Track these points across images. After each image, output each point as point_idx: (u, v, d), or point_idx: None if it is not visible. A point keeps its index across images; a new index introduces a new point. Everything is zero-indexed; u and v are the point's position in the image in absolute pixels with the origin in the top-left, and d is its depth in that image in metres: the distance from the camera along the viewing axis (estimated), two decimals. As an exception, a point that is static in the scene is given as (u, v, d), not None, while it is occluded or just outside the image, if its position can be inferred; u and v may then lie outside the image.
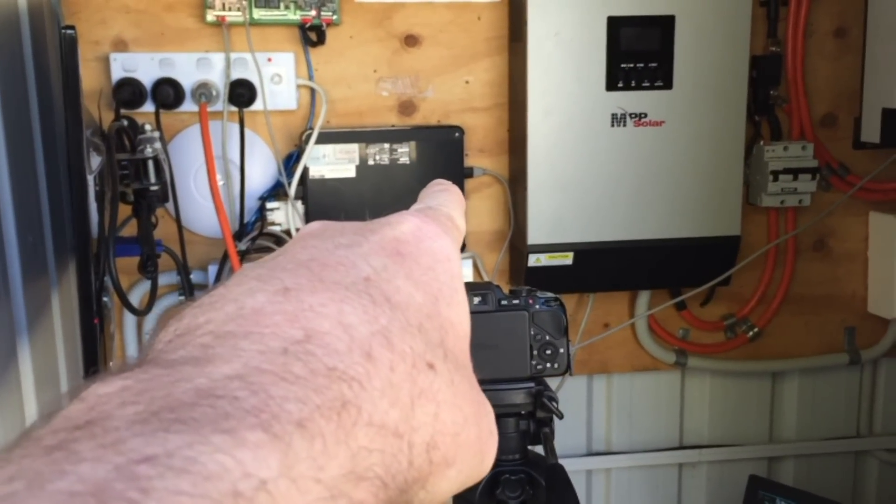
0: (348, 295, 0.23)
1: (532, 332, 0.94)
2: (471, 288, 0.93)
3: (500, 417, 0.98)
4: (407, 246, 0.26)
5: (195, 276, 1.44)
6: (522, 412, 0.97)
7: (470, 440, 0.24)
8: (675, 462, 1.75)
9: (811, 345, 1.71)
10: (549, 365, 0.95)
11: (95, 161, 0.96)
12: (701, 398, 1.74)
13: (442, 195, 0.32)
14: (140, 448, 0.17)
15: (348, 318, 0.22)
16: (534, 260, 1.47)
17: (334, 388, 0.20)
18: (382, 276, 0.24)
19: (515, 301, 0.94)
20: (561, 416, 0.93)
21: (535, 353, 0.94)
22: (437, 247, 0.27)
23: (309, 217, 1.43)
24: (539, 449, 0.99)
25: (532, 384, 0.95)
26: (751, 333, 1.68)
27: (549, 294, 0.97)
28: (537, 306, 0.95)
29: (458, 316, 0.27)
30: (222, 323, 0.21)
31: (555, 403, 0.92)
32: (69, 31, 0.80)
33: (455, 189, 0.33)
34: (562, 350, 0.95)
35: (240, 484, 0.17)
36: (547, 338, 0.94)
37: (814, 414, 1.76)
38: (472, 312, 1.00)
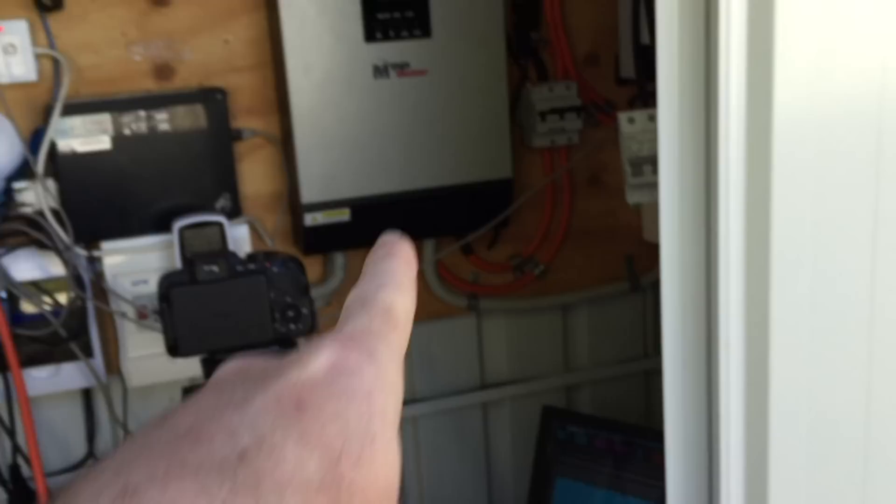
0: (207, 484, 0.20)
1: (272, 296, 0.93)
2: (203, 258, 0.91)
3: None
4: (311, 394, 0.23)
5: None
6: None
7: None
8: (479, 402, 1.80)
9: (595, 275, 1.79)
10: (292, 326, 0.94)
11: None
12: (497, 338, 1.79)
13: (386, 264, 0.29)
14: None
15: None
16: (310, 219, 1.45)
17: None
18: (264, 447, 0.22)
19: (251, 266, 0.93)
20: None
21: (276, 315, 0.93)
22: (354, 384, 0.24)
23: (64, 195, 1.35)
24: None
25: (277, 347, 0.95)
26: (537, 270, 1.73)
27: (287, 255, 0.96)
28: (275, 269, 0.93)
29: (370, 472, 0.23)
30: None
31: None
32: None
33: (401, 251, 0.30)
34: (304, 310, 0.95)
35: None
36: (288, 300, 0.93)
37: (603, 340, 1.85)
38: (205, 282, 0.95)
